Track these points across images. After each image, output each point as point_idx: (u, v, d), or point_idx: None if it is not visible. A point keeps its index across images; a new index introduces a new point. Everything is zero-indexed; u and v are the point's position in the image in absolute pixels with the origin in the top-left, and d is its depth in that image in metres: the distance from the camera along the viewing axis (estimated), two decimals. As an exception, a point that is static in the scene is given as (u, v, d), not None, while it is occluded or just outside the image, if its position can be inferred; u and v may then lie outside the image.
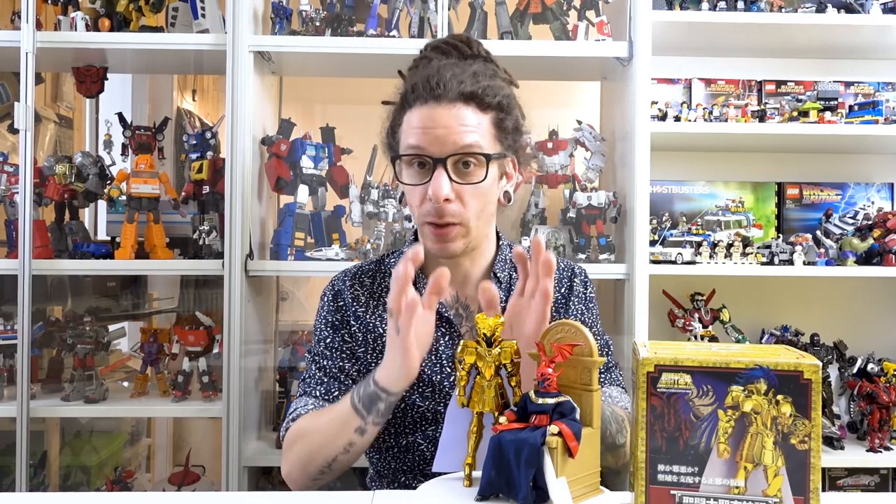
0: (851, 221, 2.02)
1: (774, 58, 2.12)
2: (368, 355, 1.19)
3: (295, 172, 1.84)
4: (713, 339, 1.98)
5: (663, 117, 1.89)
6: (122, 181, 1.84)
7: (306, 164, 1.84)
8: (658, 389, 0.76)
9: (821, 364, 0.73)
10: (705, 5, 1.86)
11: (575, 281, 1.26)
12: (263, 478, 1.92)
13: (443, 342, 1.17)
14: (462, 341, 0.88)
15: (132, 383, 1.95)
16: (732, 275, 1.88)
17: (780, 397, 0.73)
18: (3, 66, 1.98)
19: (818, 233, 1.97)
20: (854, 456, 1.81)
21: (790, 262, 1.86)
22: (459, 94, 1.08)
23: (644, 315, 1.76)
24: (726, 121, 1.90)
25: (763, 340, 1.99)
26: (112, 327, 2.10)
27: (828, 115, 1.88)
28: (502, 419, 0.80)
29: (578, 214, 1.87)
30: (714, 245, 1.86)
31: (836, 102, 1.92)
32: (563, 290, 1.25)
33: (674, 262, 1.83)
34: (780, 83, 2.06)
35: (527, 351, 0.86)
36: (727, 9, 1.86)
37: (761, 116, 1.92)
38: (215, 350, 1.87)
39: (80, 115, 2.71)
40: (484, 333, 0.85)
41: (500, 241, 1.25)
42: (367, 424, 1.01)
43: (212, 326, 1.90)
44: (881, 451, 1.81)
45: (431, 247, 1.13)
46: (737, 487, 0.74)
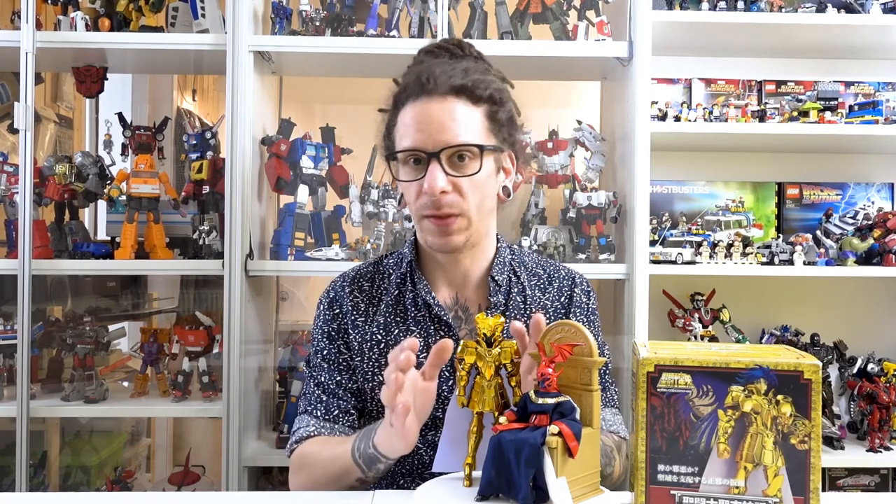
0: (851, 221, 2.02)
1: (774, 58, 2.12)
2: (366, 364, 1.19)
3: (295, 172, 1.84)
4: (713, 339, 1.98)
5: (663, 117, 1.89)
6: (122, 181, 1.84)
7: (306, 164, 1.84)
8: (658, 389, 0.76)
9: (821, 364, 0.73)
10: (705, 5, 1.86)
11: (575, 291, 1.24)
12: (263, 478, 1.92)
13: None
14: (462, 341, 0.88)
15: (132, 383, 1.95)
16: (732, 275, 1.88)
17: (780, 397, 0.73)
18: (3, 66, 1.98)
19: (818, 233, 1.97)
20: (854, 456, 1.81)
21: (790, 262, 1.86)
22: (450, 88, 1.09)
23: (644, 315, 1.76)
24: (726, 121, 1.90)
25: (763, 340, 1.99)
26: (112, 327, 2.10)
27: (828, 115, 1.88)
28: (502, 419, 0.80)
29: (578, 214, 1.86)
30: (714, 245, 1.86)
31: (836, 102, 1.92)
32: (562, 299, 1.23)
33: (674, 262, 1.83)
34: (780, 83, 2.06)
35: None
36: (727, 9, 1.86)
37: (761, 116, 1.92)
38: (215, 350, 1.87)
39: (80, 115, 2.71)
40: (484, 333, 0.85)
41: (499, 242, 1.25)
42: (368, 477, 1.02)
43: (212, 326, 1.90)
44: (881, 451, 1.81)
45: (432, 241, 1.13)
46: (737, 487, 0.74)
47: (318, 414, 1.18)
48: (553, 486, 0.74)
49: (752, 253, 1.85)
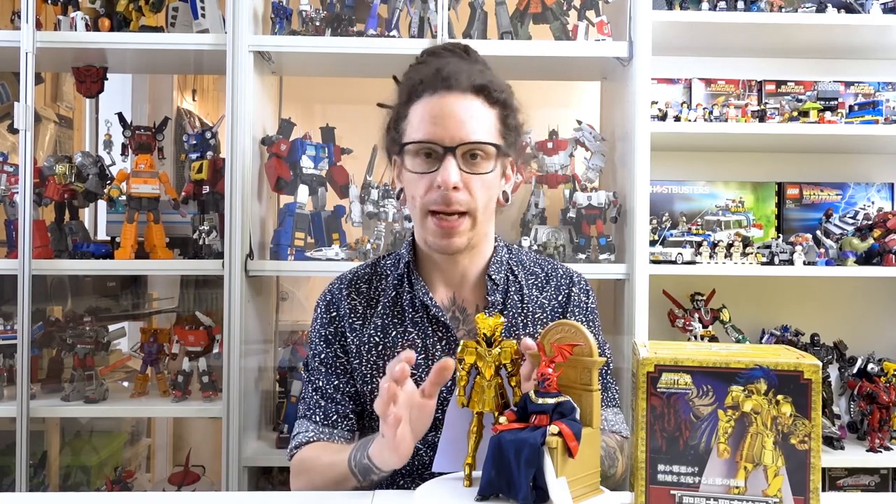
0: (851, 221, 2.02)
1: (774, 58, 2.12)
2: (363, 368, 1.18)
3: (295, 172, 1.84)
4: (713, 339, 1.97)
5: (663, 117, 1.89)
6: (122, 181, 1.84)
7: (306, 164, 1.84)
8: (658, 389, 0.76)
9: (821, 364, 0.73)
10: (705, 5, 1.86)
11: (573, 290, 1.24)
12: (263, 478, 1.92)
13: (439, 347, 1.16)
14: (462, 341, 0.88)
15: (132, 383, 1.95)
16: (732, 275, 1.88)
17: (780, 397, 0.73)
18: (3, 66, 1.98)
19: (818, 233, 1.97)
20: (854, 456, 1.81)
21: (790, 262, 1.86)
22: (470, 86, 1.10)
23: (644, 315, 1.76)
24: (726, 121, 1.90)
25: (763, 340, 1.99)
26: (112, 327, 2.10)
27: (828, 115, 1.88)
28: (502, 419, 0.80)
29: (578, 214, 1.86)
30: (714, 245, 1.86)
31: (836, 102, 1.92)
32: (560, 298, 1.23)
33: (674, 262, 1.83)
34: (780, 83, 2.06)
35: None
36: (727, 9, 1.86)
37: (761, 116, 1.92)
38: (215, 350, 1.87)
39: (80, 115, 2.71)
40: (484, 333, 0.85)
41: (497, 242, 1.25)
42: (363, 485, 1.02)
43: (212, 326, 1.90)
44: (881, 451, 1.81)
45: (434, 242, 1.12)
46: (737, 487, 0.74)
47: (317, 419, 1.18)
48: (553, 486, 0.74)
49: (752, 253, 1.85)
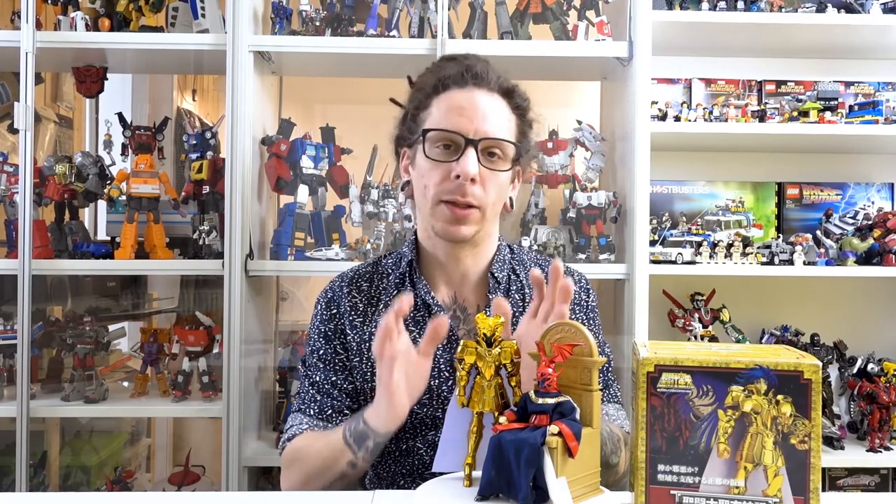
0: (851, 221, 2.02)
1: (774, 58, 2.12)
2: (364, 365, 1.18)
3: (295, 172, 1.84)
4: (713, 339, 1.97)
5: (663, 117, 1.89)
6: (122, 181, 1.84)
7: (306, 164, 1.84)
8: (658, 389, 0.75)
9: (821, 364, 0.73)
10: (705, 5, 1.86)
11: (574, 288, 1.25)
12: (263, 478, 1.92)
13: (440, 347, 1.16)
14: (462, 341, 0.88)
15: (132, 383, 1.95)
16: (732, 275, 1.88)
17: (780, 397, 0.73)
18: (3, 66, 1.98)
19: (818, 233, 1.97)
20: (854, 456, 1.81)
21: (790, 262, 1.86)
22: (499, 86, 1.13)
23: (644, 315, 1.76)
24: (726, 121, 1.90)
25: (763, 340, 1.99)
26: (112, 327, 2.10)
27: (828, 115, 1.88)
28: (502, 419, 0.80)
29: (578, 214, 1.86)
30: (714, 245, 1.86)
31: (836, 102, 1.92)
32: None
33: (674, 262, 1.83)
34: (780, 83, 2.06)
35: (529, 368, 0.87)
36: (727, 9, 1.86)
37: (761, 116, 1.92)
38: (215, 350, 1.87)
39: (80, 115, 2.71)
40: (484, 333, 0.85)
41: (500, 241, 1.25)
42: (359, 460, 1.02)
43: (212, 326, 1.90)
44: (881, 451, 1.81)
45: (443, 228, 1.13)
46: (737, 487, 0.74)
47: (312, 412, 1.18)
48: (553, 486, 0.74)
49: (752, 253, 1.85)
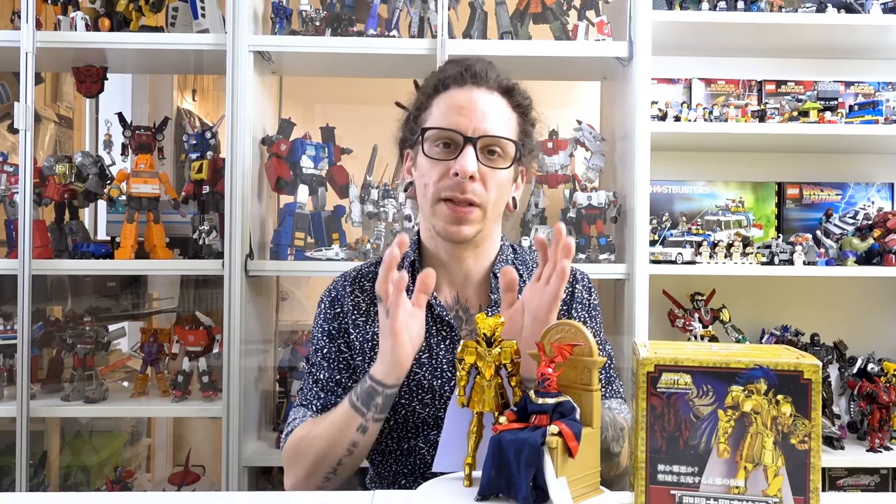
0: (851, 221, 2.02)
1: (774, 58, 2.12)
2: (367, 365, 1.18)
3: (295, 172, 1.84)
4: (713, 339, 1.98)
5: (663, 117, 1.89)
6: (122, 181, 1.84)
7: (306, 164, 1.84)
8: (658, 389, 0.75)
9: (821, 364, 0.73)
10: (705, 5, 1.86)
11: (577, 287, 1.25)
12: (263, 478, 1.92)
13: (443, 346, 1.16)
14: (462, 341, 0.88)
15: (132, 383, 1.95)
16: (732, 275, 1.88)
17: (780, 397, 0.73)
18: (3, 66, 1.98)
19: (818, 233, 1.97)
20: (854, 456, 1.81)
21: (790, 262, 1.86)
22: (498, 85, 1.14)
23: (644, 315, 1.76)
24: (726, 121, 1.90)
25: (763, 340, 1.99)
26: (112, 327, 2.10)
27: (828, 115, 1.88)
28: (502, 419, 0.80)
29: (578, 214, 1.86)
30: (714, 245, 1.86)
31: (836, 102, 1.92)
32: (564, 295, 1.23)
33: (674, 262, 1.83)
34: (780, 83, 2.06)
35: (534, 327, 0.92)
36: (727, 9, 1.86)
37: (761, 116, 1.92)
38: (215, 350, 1.87)
39: (80, 115, 2.71)
40: (484, 333, 0.85)
41: (502, 241, 1.25)
42: (368, 421, 1.02)
43: (212, 326, 1.90)
44: (881, 451, 1.81)
45: (443, 228, 1.13)
46: (737, 487, 0.74)
47: (315, 408, 1.17)
48: (553, 486, 0.74)
49: (752, 253, 1.85)
